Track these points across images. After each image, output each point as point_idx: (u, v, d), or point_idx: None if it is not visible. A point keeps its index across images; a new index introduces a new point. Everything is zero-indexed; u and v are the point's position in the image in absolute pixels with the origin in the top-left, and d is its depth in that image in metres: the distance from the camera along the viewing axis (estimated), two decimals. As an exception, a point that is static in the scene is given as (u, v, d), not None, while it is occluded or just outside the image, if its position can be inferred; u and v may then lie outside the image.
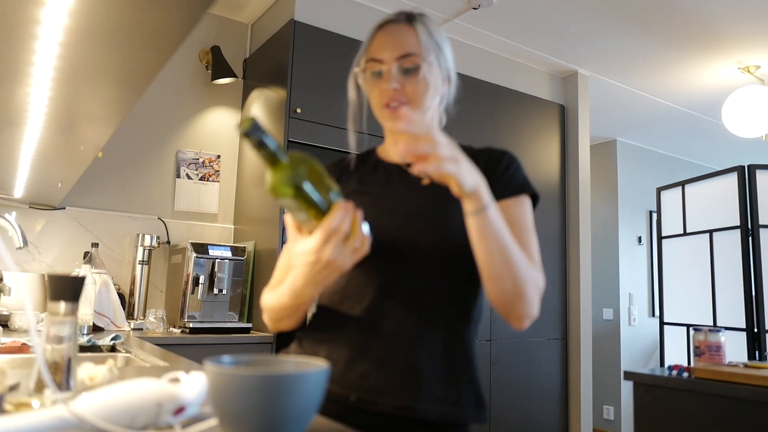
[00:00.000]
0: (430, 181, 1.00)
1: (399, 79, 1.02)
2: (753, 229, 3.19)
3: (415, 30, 1.04)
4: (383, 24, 1.07)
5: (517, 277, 0.91)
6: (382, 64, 1.03)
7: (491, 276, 0.91)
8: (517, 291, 0.91)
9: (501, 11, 3.10)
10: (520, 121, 3.55)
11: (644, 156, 5.46)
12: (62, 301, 0.89)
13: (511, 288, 0.91)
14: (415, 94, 1.02)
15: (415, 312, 0.96)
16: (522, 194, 1.04)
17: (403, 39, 1.04)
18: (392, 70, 1.02)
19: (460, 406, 0.95)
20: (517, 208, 1.02)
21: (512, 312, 0.94)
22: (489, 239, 0.89)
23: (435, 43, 1.06)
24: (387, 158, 1.13)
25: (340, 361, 0.97)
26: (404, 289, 0.97)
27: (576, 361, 3.53)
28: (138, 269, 2.76)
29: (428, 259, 0.98)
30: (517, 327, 0.96)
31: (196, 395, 0.72)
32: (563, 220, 3.69)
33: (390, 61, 1.02)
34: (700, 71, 3.74)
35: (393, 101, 1.03)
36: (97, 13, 0.72)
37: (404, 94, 1.02)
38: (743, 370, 1.58)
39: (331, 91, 2.77)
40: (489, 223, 0.88)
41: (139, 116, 2.93)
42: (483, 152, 1.09)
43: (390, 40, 1.04)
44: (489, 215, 0.88)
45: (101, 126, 1.31)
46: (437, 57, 1.06)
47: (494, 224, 0.89)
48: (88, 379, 0.95)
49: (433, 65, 1.04)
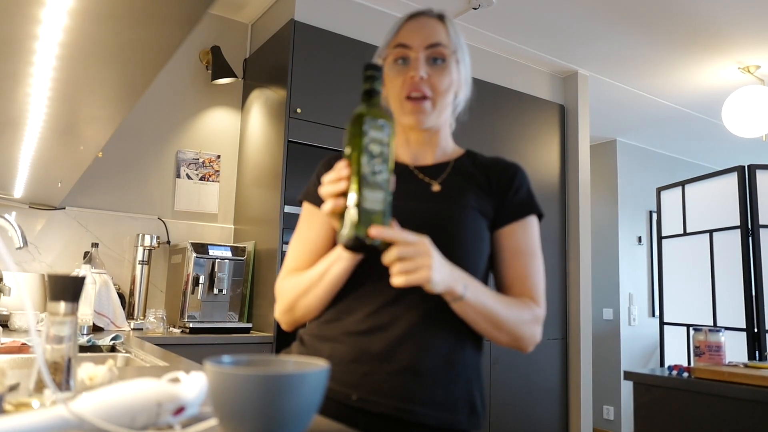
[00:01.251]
0: (440, 188, 1.01)
1: (426, 68, 1.01)
2: (753, 229, 3.19)
3: (445, 25, 1.05)
4: (414, 15, 1.07)
5: (511, 331, 0.97)
6: (410, 50, 1.02)
7: (488, 336, 0.98)
8: (513, 337, 0.98)
9: (501, 11, 3.10)
10: (520, 121, 3.56)
11: (644, 156, 5.46)
12: (62, 301, 0.89)
13: (507, 338, 0.98)
14: (440, 86, 1.02)
15: (421, 318, 0.96)
16: (531, 215, 1.05)
17: (433, 30, 1.04)
18: (420, 58, 1.01)
19: (456, 413, 0.95)
20: (525, 231, 1.04)
21: (514, 348, 1.01)
22: (473, 316, 0.94)
23: (461, 44, 1.07)
24: (397, 158, 1.12)
25: (343, 361, 0.97)
26: (412, 296, 0.97)
27: (576, 361, 3.53)
28: (138, 269, 2.76)
29: None
30: (522, 353, 1.06)
31: (196, 395, 0.72)
32: (563, 221, 3.69)
33: (419, 49, 1.01)
34: (700, 71, 3.74)
35: (415, 91, 1.01)
36: (97, 13, 0.73)
37: (429, 84, 1.01)
38: (743, 370, 1.58)
39: (331, 91, 2.77)
40: (470, 307, 0.92)
41: (139, 116, 2.93)
42: (495, 164, 1.09)
43: (421, 28, 1.04)
44: (467, 300, 0.91)
45: (101, 126, 1.31)
46: (462, 57, 1.07)
47: (474, 306, 0.92)
48: (88, 379, 0.95)
49: (460, 63, 1.05)
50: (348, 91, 2.79)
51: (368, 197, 0.81)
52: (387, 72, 1.05)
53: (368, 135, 0.82)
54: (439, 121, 1.06)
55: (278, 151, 2.69)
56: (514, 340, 0.98)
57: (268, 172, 2.79)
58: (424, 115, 1.02)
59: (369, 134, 0.82)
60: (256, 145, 2.98)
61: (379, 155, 0.82)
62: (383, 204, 0.82)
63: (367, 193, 0.81)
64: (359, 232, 0.80)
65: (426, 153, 1.10)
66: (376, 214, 0.81)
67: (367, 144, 0.82)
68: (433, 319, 0.97)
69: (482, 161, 1.10)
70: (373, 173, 0.81)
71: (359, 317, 0.98)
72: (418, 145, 1.09)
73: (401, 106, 1.03)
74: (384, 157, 0.83)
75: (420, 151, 1.10)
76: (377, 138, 0.82)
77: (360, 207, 0.80)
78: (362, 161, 0.81)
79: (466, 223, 0.99)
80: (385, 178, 0.82)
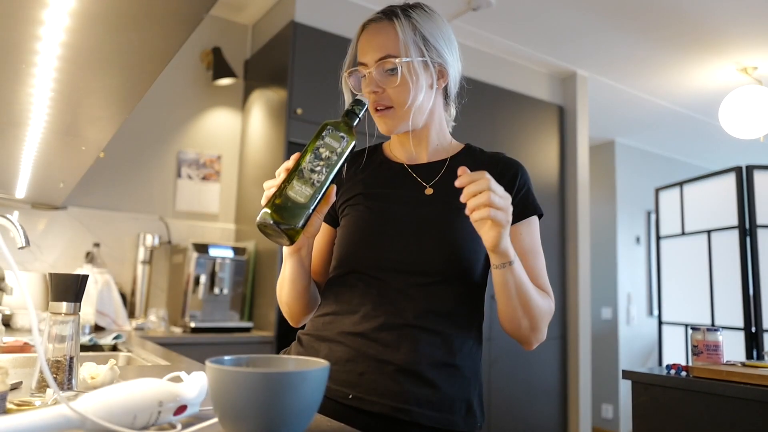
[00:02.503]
0: (433, 191, 1.02)
1: (380, 82, 1.01)
2: (751, 229, 3.20)
3: (394, 27, 1.01)
4: (365, 24, 1.06)
5: (534, 317, 0.96)
6: (365, 68, 1.03)
7: (510, 318, 0.96)
8: (532, 327, 0.97)
9: (500, 12, 3.11)
10: (519, 123, 3.56)
11: (642, 157, 5.46)
12: (64, 301, 0.90)
13: (528, 326, 0.97)
14: (397, 96, 1.01)
15: (419, 319, 0.97)
16: (533, 216, 1.05)
17: (380, 39, 1.02)
18: (373, 74, 1.01)
19: (453, 413, 0.96)
20: (528, 231, 1.04)
21: (524, 340, 1.00)
22: (510, 289, 0.93)
23: (420, 37, 1.02)
24: (393, 157, 1.12)
25: (340, 360, 0.97)
26: (407, 298, 0.98)
27: (575, 360, 3.54)
28: (139, 269, 2.77)
29: (434, 272, 0.99)
30: (527, 349, 1.03)
31: (197, 394, 0.73)
32: (562, 221, 3.70)
33: (371, 65, 1.02)
34: (698, 72, 3.75)
35: (378, 105, 1.02)
36: (98, 13, 0.73)
37: (387, 96, 1.02)
38: (741, 369, 1.59)
39: (331, 91, 2.77)
40: (512, 275, 0.91)
41: (140, 117, 2.94)
42: (496, 161, 1.08)
43: (370, 41, 1.03)
44: (514, 268, 0.91)
45: (103, 126, 1.31)
46: (423, 52, 1.02)
47: (517, 276, 0.92)
48: (89, 378, 0.96)
49: (413, 64, 1.00)
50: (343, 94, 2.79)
51: (295, 187, 0.85)
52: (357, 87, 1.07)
53: (323, 140, 0.88)
54: (418, 122, 1.05)
55: (279, 151, 2.69)
56: (531, 330, 0.97)
57: (269, 172, 2.80)
58: (392, 121, 1.04)
59: (324, 140, 0.88)
60: (257, 145, 2.99)
61: (325, 159, 0.87)
62: (307, 200, 0.85)
63: (296, 183, 0.85)
64: (270, 216, 0.83)
65: (420, 152, 1.10)
66: (297, 206, 0.84)
67: (318, 146, 0.87)
68: (431, 321, 0.97)
69: (482, 158, 1.09)
70: (312, 170, 0.86)
71: (357, 318, 0.99)
72: (410, 147, 1.10)
73: (373, 117, 1.06)
74: (329, 163, 0.87)
75: (414, 151, 1.10)
76: (330, 145, 0.88)
77: (283, 192, 0.84)
78: (306, 158, 0.87)
79: (461, 225, 0.99)
80: (321, 179, 0.86)
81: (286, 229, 0.84)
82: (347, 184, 1.11)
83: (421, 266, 0.98)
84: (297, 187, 0.85)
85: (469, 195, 0.84)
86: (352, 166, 1.14)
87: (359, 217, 1.05)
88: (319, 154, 0.87)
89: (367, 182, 1.09)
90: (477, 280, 1.03)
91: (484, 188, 0.83)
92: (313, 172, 0.86)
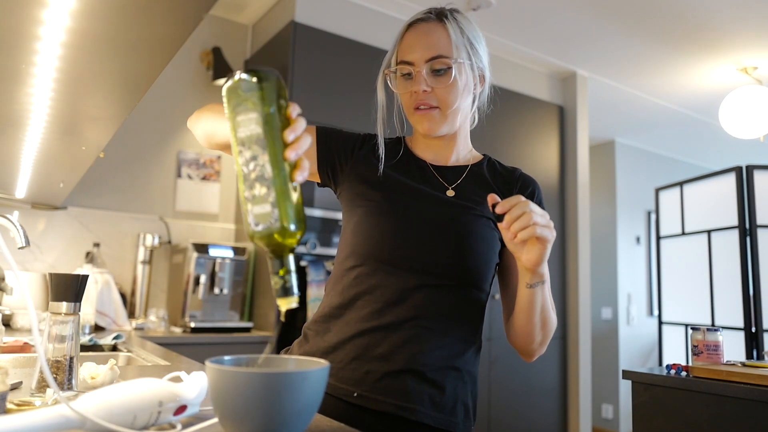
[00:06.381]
0: (454, 193, 1.01)
1: (429, 81, 1.00)
2: (751, 229, 3.20)
3: (445, 28, 1.01)
4: (413, 23, 1.04)
5: (548, 332, 1.00)
6: (412, 66, 1.01)
7: (526, 333, 0.98)
8: (543, 342, 1.01)
9: (500, 12, 3.11)
10: (519, 122, 3.56)
11: (642, 157, 5.46)
12: (64, 301, 0.90)
13: (540, 341, 1.00)
14: (446, 96, 1.01)
15: (425, 320, 0.97)
16: None
17: (432, 39, 1.01)
18: (422, 73, 1.00)
19: (454, 415, 0.97)
20: None
21: (530, 354, 1.03)
22: (536, 308, 0.95)
23: (468, 41, 1.03)
24: (417, 153, 1.11)
25: (346, 358, 0.97)
26: (418, 298, 0.97)
27: (575, 360, 3.54)
28: (139, 269, 2.77)
29: (448, 275, 0.98)
30: (527, 361, 1.06)
31: (197, 394, 0.73)
32: (562, 221, 3.70)
33: (420, 63, 1.00)
34: (698, 72, 3.75)
35: (423, 104, 1.01)
36: (98, 14, 0.73)
37: (434, 96, 1.01)
38: (741, 369, 1.59)
39: (331, 92, 2.78)
40: (542, 294, 0.94)
41: (140, 117, 2.94)
42: (515, 177, 1.10)
43: (420, 40, 1.01)
44: (545, 285, 0.93)
45: (103, 126, 1.31)
46: (470, 56, 1.03)
47: (544, 295, 0.94)
48: (89, 378, 0.96)
49: (464, 65, 1.01)
50: (348, 92, 2.79)
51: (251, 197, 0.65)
52: (397, 86, 1.05)
53: (237, 119, 0.66)
54: (453, 127, 1.06)
55: (278, 151, 2.69)
56: (540, 344, 1.01)
57: (268, 172, 2.79)
58: (434, 122, 1.03)
59: (238, 118, 0.66)
60: (257, 145, 2.99)
61: (254, 136, 0.65)
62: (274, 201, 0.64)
63: (247, 193, 0.65)
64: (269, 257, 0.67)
65: (446, 154, 1.10)
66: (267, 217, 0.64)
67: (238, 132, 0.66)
68: (437, 322, 0.97)
69: (501, 171, 1.10)
70: (250, 164, 0.65)
71: (364, 315, 0.98)
72: (436, 148, 1.10)
73: (412, 117, 1.05)
74: (258, 135, 0.65)
75: (439, 153, 1.10)
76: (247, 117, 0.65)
77: (249, 214, 0.65)
78: (238, 159, 0.66)
79: (480, 232, 1.00)
80: (265, 162, 0.64)
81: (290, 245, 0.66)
82: (365, 159, 1.07)
83: (436, 268, 0.98)
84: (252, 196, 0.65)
85: (512, 219, 0.84)
86: (371, 141, 1.10)
87: (378, 209, 1.02)
88: (243, 140, 0.65)
89: (387, 172, 1.07)
90: (486, 288, 1.04)
91: (525, 210, 0.84)
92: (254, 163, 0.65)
